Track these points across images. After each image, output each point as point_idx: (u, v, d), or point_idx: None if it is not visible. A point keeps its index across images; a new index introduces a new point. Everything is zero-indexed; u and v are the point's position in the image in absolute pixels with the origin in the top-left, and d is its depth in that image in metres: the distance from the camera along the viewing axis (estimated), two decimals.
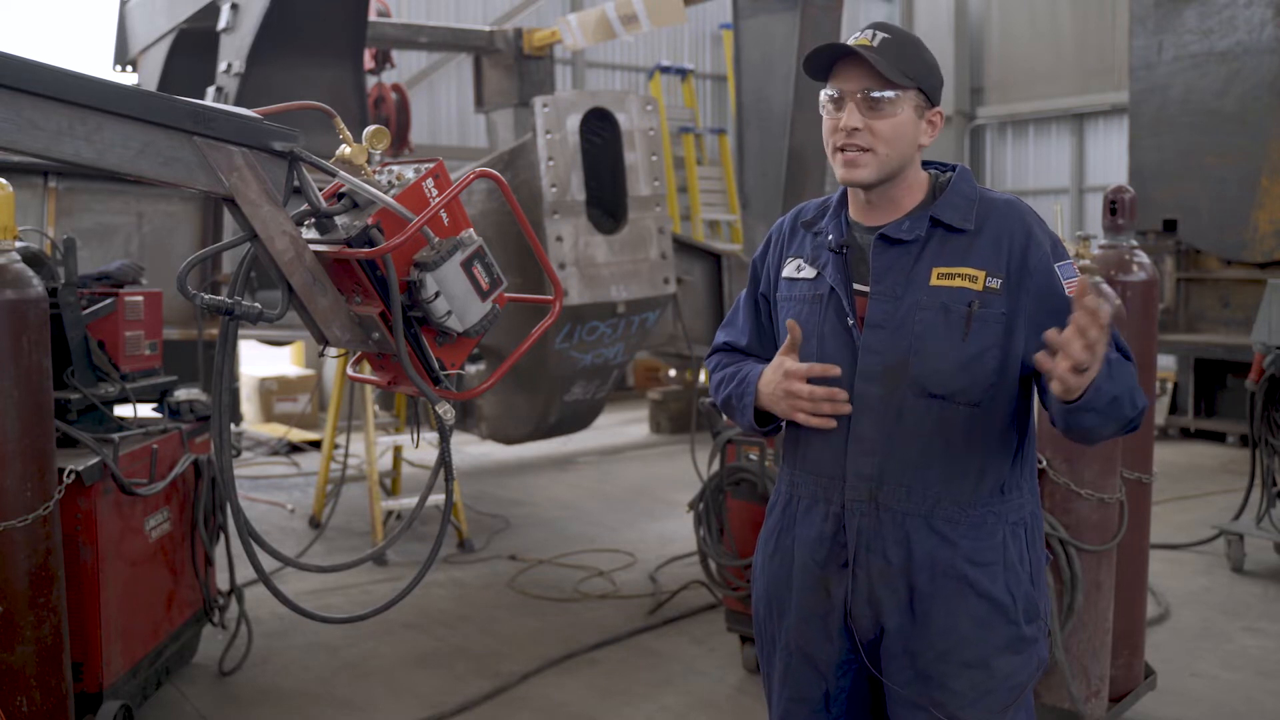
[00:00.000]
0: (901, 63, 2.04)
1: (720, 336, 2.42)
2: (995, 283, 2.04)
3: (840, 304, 2.13)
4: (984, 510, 2.09)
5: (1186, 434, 9.68)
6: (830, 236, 2.18)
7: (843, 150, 2.08)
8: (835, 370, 2.07)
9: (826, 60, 2.10)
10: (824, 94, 2.11)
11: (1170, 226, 9.60)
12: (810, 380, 2.10)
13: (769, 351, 2.30)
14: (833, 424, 2.09)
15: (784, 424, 2.25)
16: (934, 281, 2.06)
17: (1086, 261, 3.69)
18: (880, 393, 2.08)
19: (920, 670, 2.09)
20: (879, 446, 2.09)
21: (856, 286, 2.14)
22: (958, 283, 2.05)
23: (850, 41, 2.07)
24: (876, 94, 2.04)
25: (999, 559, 2.09)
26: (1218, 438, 9.50)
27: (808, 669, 2.20)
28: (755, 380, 2.19)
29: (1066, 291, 2.03)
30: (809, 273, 2.20)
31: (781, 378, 2.11)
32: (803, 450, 2.20)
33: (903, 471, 2.08)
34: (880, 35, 2.05)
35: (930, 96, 2.10)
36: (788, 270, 2.24)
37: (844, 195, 2.22)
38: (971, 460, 2.08)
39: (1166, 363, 9.65)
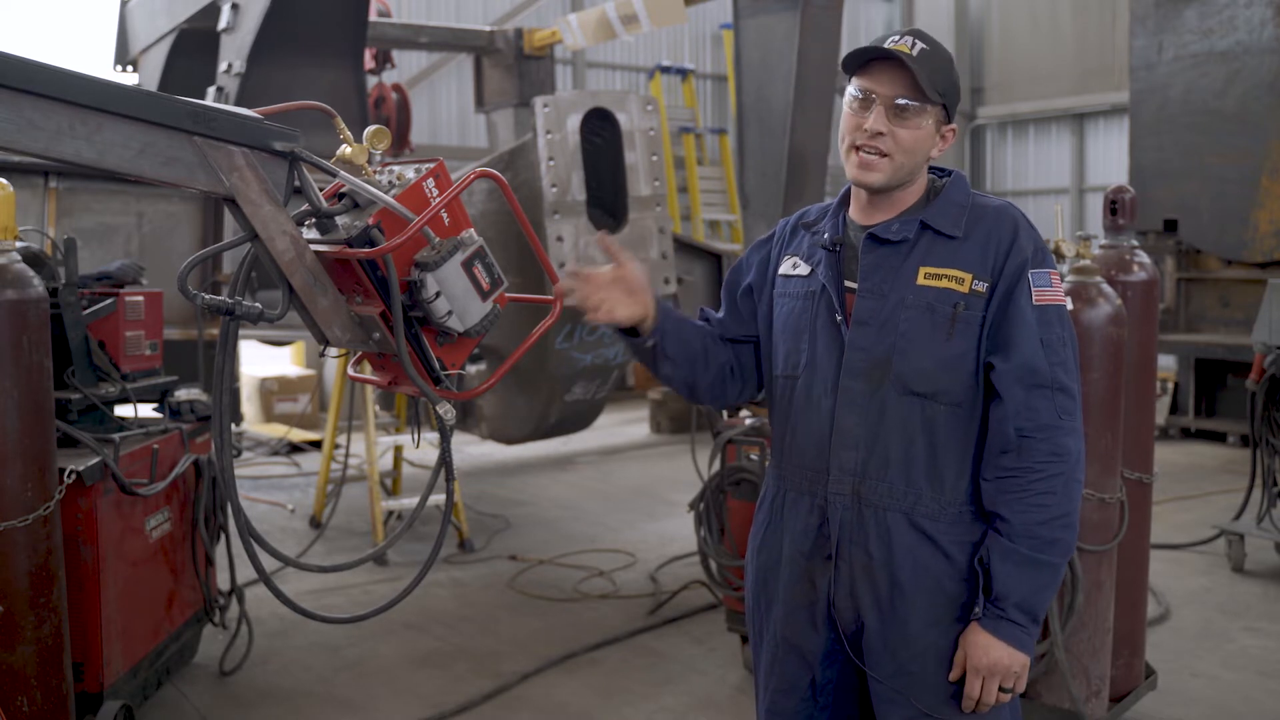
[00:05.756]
0: (935, 77, 2.06)
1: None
2: (981, 286, 2.07)
3: (831, 300, 2.16)
4: (964, 507, 2.11)
5: (1187, 434, 9.69)
6: (825, 234, 2.21)
7: (859, 150, 2.09)
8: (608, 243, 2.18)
9: (863, 59, 2.10)
10: (851, 90, 2.11)
11: (1170, 226, 9.60)
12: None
13: (737, 331, 2.35)
14: (594, 318, 2.17)
15: (771, 420, 2.30)
16: (920, 281, 2.09)
17: (1087, 261, 3.68)
18: (864, 389, 2.11)
19: (901, 664, 2.12)
20: (862, 441, 2.12)
21: (847, 284, 2.17)
22: (944, 283, 2.08)
23: (889, 45, 2.07)
24: (906, 102, 2.05)
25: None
26: (1218, 438, 9.50)
27: (794, 658, 2.23)
28: None
29: (1033, 299, 2.05)
30: (803, 269, 2.23)
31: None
32: (789, 444, 2.23)
33: (885, 467, 2.10)
34: (920, 45, 2.06)
35: (950, 113, 2.13)
36: (784, 267, 2.28)
37: (846, 195, 2.25)
38: (953, 458, 2.10)
39: (1167, 363, 9.65)
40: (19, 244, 3.45)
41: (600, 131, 5.77)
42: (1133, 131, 10.03)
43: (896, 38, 2.08)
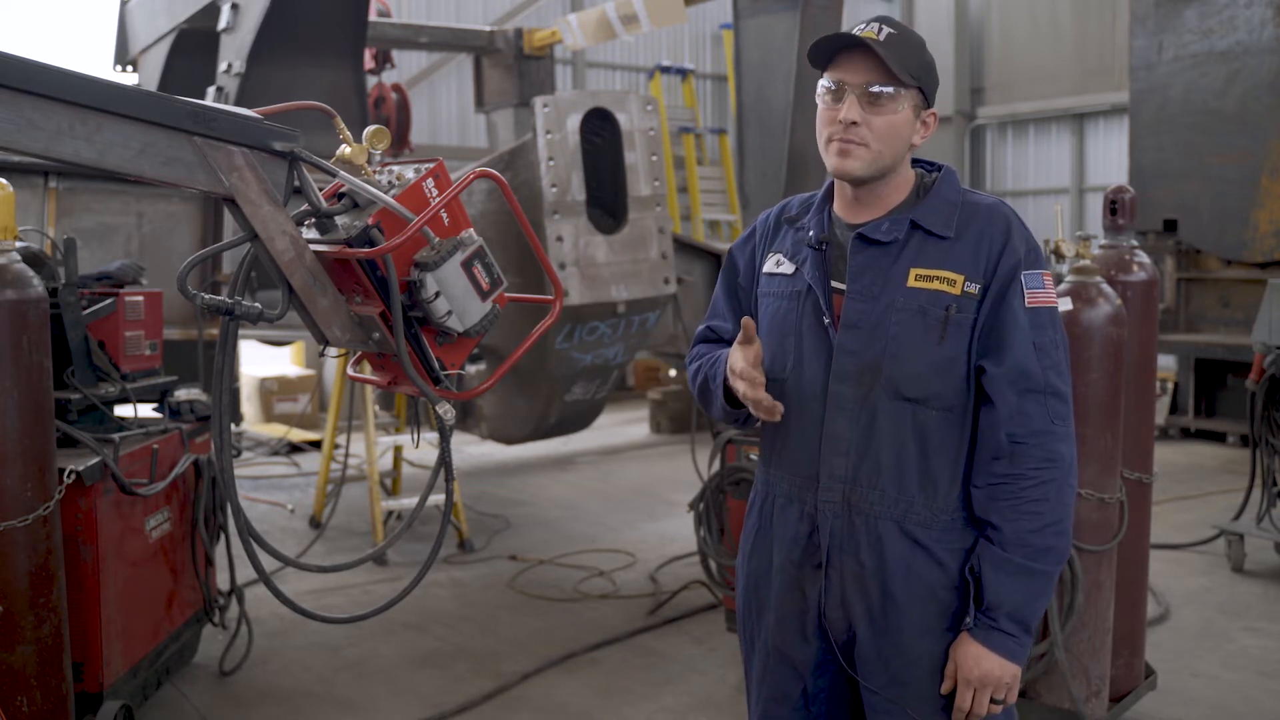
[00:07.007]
0: (906, 60, 2.00)
1: (702, 326, 2.36)
2: (974, 287, 2.02)
3: (818, 301, 2.10)
4: (957, 514, 2.07)
5: (1186, 434, 9.69)
6: (811, 233, 2.15)
7: (837, 141, 2.03)
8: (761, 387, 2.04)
9: (829, 50, 2.05)
10: (822, 84, 2.06)
11: (1170, 226, 9.61)
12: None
13: None
14: (775, 418, 2.06)
15: (761, 421, 2.22)
16: (911, 283, 2.03)
17: (1086, 261, 3.68)
18: (854, 394, 2.05)
19: (894, 674, 2.08)
20: (853, 448, 2.06)
21: (835, 285, 2.10)
22: (936, 285, 2.02)
23: (856, 33, 2.01)
24: (878, 89, 2.00)
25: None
26: (1218, 438, 9.50)
27: (785, 668, 2.19)
28: (726, 361, 2.15)
29: (1025, 302, 2.01)
30: (787, 268, 2.17)
31: (729, 371, 2.09)
32: (779, 449, 2.18)
33: (876, 474, 2.05)
34: (886, 30, 2.00)
35: (928, 97, 2.07)
36: (768, 265, 2.21)
37: (829, 190, 2.18)
38: (945, 464, 2.05)
39: (1166, 363, 9.65)
40: (19, 244, 3.46)
41: (600, 131, 5.77)
42: (1133, 131, 10.03)
43: (863, 26, 2.02)
